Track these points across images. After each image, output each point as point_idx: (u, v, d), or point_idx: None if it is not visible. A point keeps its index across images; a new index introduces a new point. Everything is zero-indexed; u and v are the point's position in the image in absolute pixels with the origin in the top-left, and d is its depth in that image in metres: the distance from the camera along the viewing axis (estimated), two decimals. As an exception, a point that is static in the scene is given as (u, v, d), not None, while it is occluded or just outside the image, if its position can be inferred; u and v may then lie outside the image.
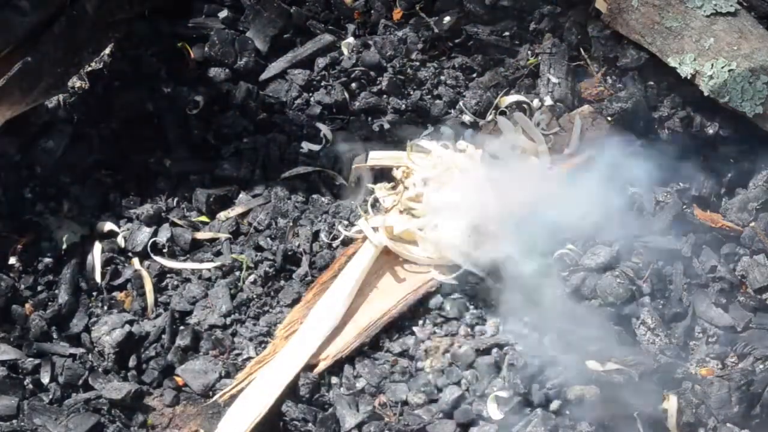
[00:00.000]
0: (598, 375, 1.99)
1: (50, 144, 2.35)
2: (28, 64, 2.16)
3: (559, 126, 2.35)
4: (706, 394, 1.97)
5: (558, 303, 2.08)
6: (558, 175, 2.23)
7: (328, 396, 2.02)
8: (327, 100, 2.42)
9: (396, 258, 2.17)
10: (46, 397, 2.05)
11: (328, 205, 2.29)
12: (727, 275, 2.14)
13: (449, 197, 2.16)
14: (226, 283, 2.19)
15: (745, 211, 2.23)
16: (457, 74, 2.47)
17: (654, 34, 2.33)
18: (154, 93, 2.42)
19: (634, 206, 2.22)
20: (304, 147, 2.38)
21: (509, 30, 2.52)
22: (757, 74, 2.21)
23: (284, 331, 2.09)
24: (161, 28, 2.50)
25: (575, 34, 2.48)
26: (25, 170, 2.34)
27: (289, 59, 2.50)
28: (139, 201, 2.32)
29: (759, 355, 2.02)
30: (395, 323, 2.10)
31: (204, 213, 2.31)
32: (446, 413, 1.98)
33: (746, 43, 2.24)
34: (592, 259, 2.13)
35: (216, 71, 2.46)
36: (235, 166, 2.35)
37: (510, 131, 2.31)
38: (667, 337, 2.05)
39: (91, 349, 2.12)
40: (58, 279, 2.20)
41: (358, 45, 2.50)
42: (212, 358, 2.09)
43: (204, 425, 2.02)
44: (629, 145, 2.26)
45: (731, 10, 2.28)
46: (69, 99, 2.42)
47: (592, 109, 2.35)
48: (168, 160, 2.38)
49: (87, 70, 2.43)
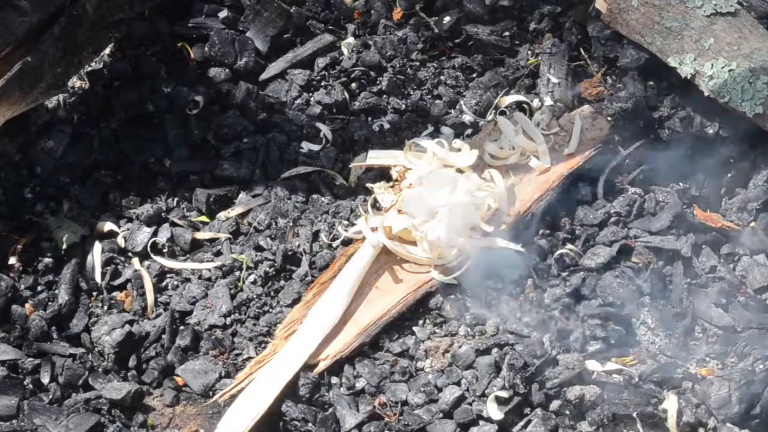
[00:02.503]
0: (598, 375, 1.99)
1: (50, 144, 2.35)
2: (28, 64, 2.16)
3: (559, 126, 2.35)
4: (706, 394, 1.97)
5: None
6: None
7: (328, 396, 2.02)
8: (327, 100, 2.42)
9: (395, 258, 2.17)
10: (46, 397, 2.05)
11: (328, 205, 2.29)
12: (727, 275, 2.14)
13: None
14: (226, 283, 2.19)
15: (745, 211, 2.23)
16: (457, 74, 2.47)
17: (654, 34, 2.33)
18: (154, 93, 2.42)
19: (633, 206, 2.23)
20: (304, 147, 2.38)
21: (509, 30, 2.52)
22: (757, 74, 2.21)
23: (284, 331, 2.09)
24: (161, 28, 2.50)
25: (575, 34, 2.48)
26: (25, 170, 2.34)
27: (289, 59, 2.50)
28: (139, 201, 2.32)
29: (759, 355, 2.02)
30: (395, 323, 2.10)
31: (204, 213, 2.31)
32: (446, 413, 1.98)
33: (746, 43, 2.24)
34: (592, 259, 2.13)
35: (216, 71, 2.46)
36: (235, 166, 2.35)
37: (510, 131, 2.31)
38: (667, 337, 2.05)
39: (91, 349, 2.12)
40: (58, 279, 2.20)
41: (358, 45, 2.50)
42: (212, 358, 2.09)
43: (204, 425, 2.02)
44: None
45: (731, 10, 2.28)
46: (69, 99, 2.42)
47: (592, 109, 2.35)
48: (168, 160, 2.38)
49: (87, 70, 2.44)
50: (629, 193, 2.26)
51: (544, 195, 2.23)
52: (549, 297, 2.11)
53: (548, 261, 2.16)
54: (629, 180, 2.29)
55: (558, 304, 2.09)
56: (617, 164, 2.31)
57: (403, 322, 2.11)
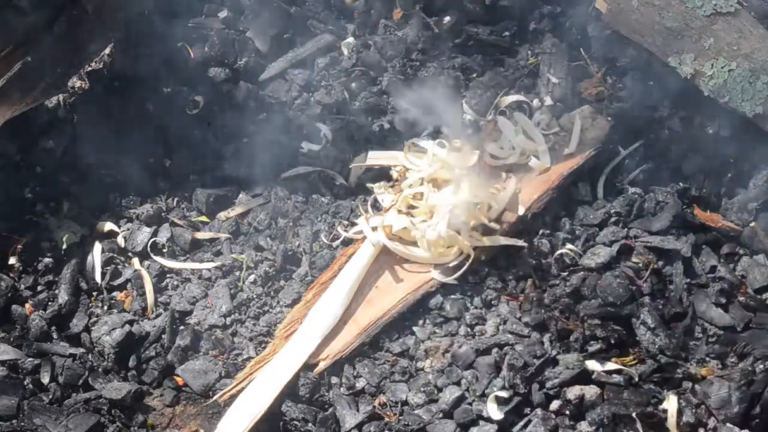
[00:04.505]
0: (598, 375, 1.99)
1: (50, 144, 2.35)
2: (28, 64, 2.16)
3: (559, 126, 2.35)
4: (706, 394, 1.97)
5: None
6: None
7: (328, 396, 2.02)
8: (327, 100, 2.42)
9: (396, 258, 2.17)
10: (46, 397, 2.05)
11: (328, 205, 2.29)
12: (727, 275, 2.14)
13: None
14: (226, 283, 2.19)
15: (745, 211, 2.23)
16: (457, 74, 2.47)
17: (654, 34, 2.33)
18: (154, 93, 2.42)
19: (633, 206, 2.23)
20: (304, 147, 2.38)
21: (509, 30, 2.52)
22: (757, 74, 2.21)
23: (284, 331, 2.09)
24: (161, 28, 2.50)
25: (575, 34, 2.48)
26: (25, 170, 2.34)
27: (289, 59, 2.50)
28: (139, 201, 2.32)
29: (759, 355, 2.02)
30: (395, 323, 2.10)
31: (204, 213, 2.31)
32: (446, 413, 1.98)
33: (746, 43, 2.24)
34: (592, 259, 2.13)
35: (216, 71, 2.46)
36: (235, 166, 2.35)
37: (510, 131, 2.31)
38: (667, 337, 2.05)
39: (91, 349, 2.12)
40: (58, 279, 2.20)
41: (358, 45, 2.50)
42: (212, 358, 2.09)
43: (204, 425, 2.02)
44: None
45: (731, 10, 2.28)
46: (69, 99, 2.42)
47: (592, 109, 2.35)
48: (168, 160, 2.38)
49: (87, 70, 2.43)
50: (629, 193, 2.26)
51: (544, 195, 2.23)
52: (549, 297, 2.11)
53: (548, 261, 2.16)
54: (629, 180, 2.29)
55: (558, 304, 2.09)
56: (617, 164, 2.31)
57: (403, 322, 2.11)
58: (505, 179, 2.24)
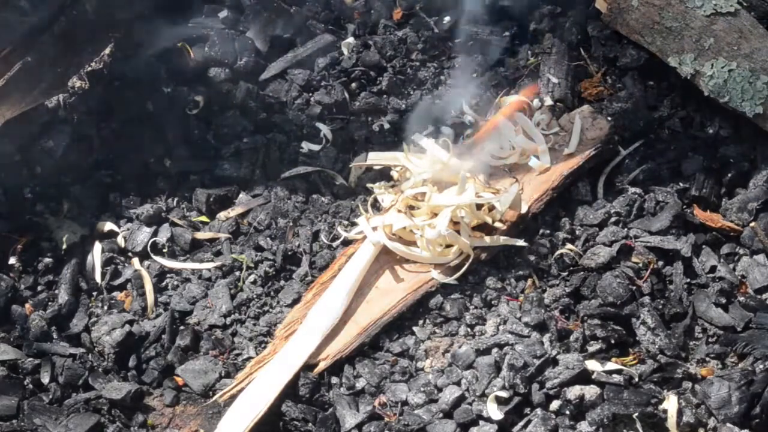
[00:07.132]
0: (598, 375, 1.99)
1: (50, 144, 2.35)
2: (28, 64, 2.17)
3: (559, 126, 2.35)
4: (706, 394, 1.97)
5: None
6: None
7: (328, 396, 2.02)
8: (327, 100, 2.42)
9: (396, 258, 2.17)
10: (46, 397, 2.05)
11: (328, 205, 2.29)
12: (727, 275, 2.14)
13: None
14: (226, 283, 2.19)
15: (745, 211, 2.23)
16: (457, 74, 2.47)
17: (654, 34, 2.33)
18: (154, 93, 2.42)
19: (633, 206, 2.23)
20: (304, 147, 2.38)
21: (509, 30, 2.52)
22: (757, 74, 2.21)
23: (284, 331, 2.09)
24: (161, 28, 2.50)
25: (575, 34, 2.49)
26: (25, 170, 2.34)
27: (289, 59, 2.51)
28: (139, 201, 2.32)
29: (759, 355, 2.02)
30: (395, 323, 2.10)
31: (204, 213, 2.31)
32: (446, 413, 1.98)
33: (746, 43, 2.24)
34: (592, 259, 2.13)
35: (216, 71, 2.47)
36: (235, 166, 2.35)
37: (510, 131, 2.31)
38: (667, 337, 2.05)
39: (91, 349, 2.12)
40: (58, 279, 2.20)
41: (358, 45, 2.50)
42: (212, 358, 2.09)
43: (204, 425, 2.02)
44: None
45: (731, 10, 2.28)
46: (69, 99, 2.42)
47: (592, 109, 2.35)
48: (168, 160, 2.38)
49: (87, 70, 2.43)
50: (629, 193, 2.26)
51: (544, 195, 2.23)
52: (549, 297, 2.11)
53: (548, 261, 2.16)
54: (629, 180, 2.29)
55: (558, 304, 2.09)
56: (617, 164, 2.31)
57: (403, 322, 2.11)
58: (507, 180, 2.24)
